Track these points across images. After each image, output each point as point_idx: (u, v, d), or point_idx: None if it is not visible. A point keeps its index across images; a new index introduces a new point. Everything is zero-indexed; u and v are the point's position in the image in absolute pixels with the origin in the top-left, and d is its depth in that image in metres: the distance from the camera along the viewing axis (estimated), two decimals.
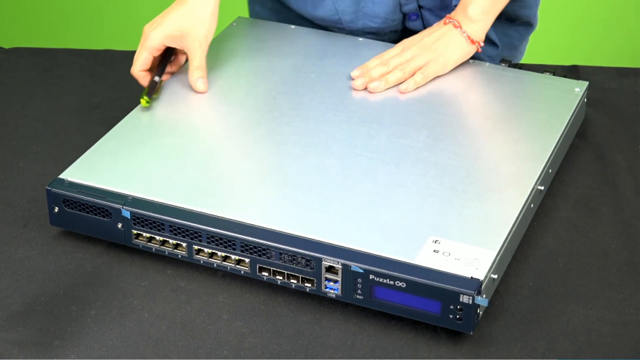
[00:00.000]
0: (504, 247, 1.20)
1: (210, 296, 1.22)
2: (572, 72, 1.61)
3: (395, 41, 1.53)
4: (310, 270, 1.18)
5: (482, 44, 1.48)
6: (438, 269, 1.15)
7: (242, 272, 1.22)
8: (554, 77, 1.48)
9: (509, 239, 1.21)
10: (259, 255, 1.20)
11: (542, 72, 1.49)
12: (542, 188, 1.32)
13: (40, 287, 1.23)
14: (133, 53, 1.68)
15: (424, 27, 1.57)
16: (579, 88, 1.45)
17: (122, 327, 1.18)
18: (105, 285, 1.23)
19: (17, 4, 3.01)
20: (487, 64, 1.50)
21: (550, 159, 1.33)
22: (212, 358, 1.15)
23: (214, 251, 1.22)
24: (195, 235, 1.22)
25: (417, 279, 1.14)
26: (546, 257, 1.27)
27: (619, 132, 1.48)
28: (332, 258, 1.17)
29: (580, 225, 1.32)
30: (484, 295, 1.14)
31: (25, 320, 1.19)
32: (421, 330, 1.18)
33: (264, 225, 1.21)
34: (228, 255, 1.21)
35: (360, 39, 1.57)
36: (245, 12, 1.70)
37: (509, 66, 1.51)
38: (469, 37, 1.46)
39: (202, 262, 1.23)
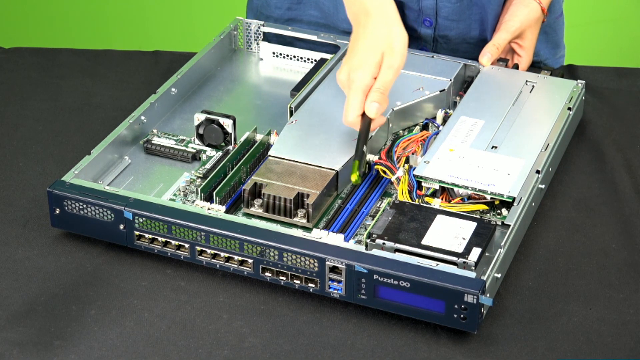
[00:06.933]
0: (506, 246, 1.20)
1: (210, 296, 1.22)
2: (570, 72, 1.61)
3: None
4: (314, 271, 1.18)
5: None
6: (442, 268, 1.16)
7: (245, 272, 1.22)
8: (551, 76, 1.48)
9: (511, 237, 1.21)
10: (262, 256, 1.20)
11: (540, 72, 1.49)
12: (543, 187, 1.32)
13: (40, 287, 1.23)
14: (133, 53, 1.68)
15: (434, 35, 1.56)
16: (576, 88, 1.45)
17: (122, 326, 1.18)
18: (105, 285, 1.23)
19: (17, 4, 3.01)
20: None
21: (550, 158, 1.33)
22: (212, 358, 1.15)
23: (216, 252, 1.22)
24: (198, 236, 1.22)
25: (421, 278, 1.14)
26: (546, 257, 1.27)
27: (618, 131, 1.48)
28: (336, 258, 1.17)
29: (580, 225, 1.32)
30: (488, 295, 1.14)
31: (25, 320, 1.19)
32: (421, 330, 1.18)
33: (266, 226, 1.22)
34: (231, 256, 1.21)
35: None
36: (243, 13, 1.70)
37: (506, 66, 1.51)
38: None
39: (204, 263, 1.23)
